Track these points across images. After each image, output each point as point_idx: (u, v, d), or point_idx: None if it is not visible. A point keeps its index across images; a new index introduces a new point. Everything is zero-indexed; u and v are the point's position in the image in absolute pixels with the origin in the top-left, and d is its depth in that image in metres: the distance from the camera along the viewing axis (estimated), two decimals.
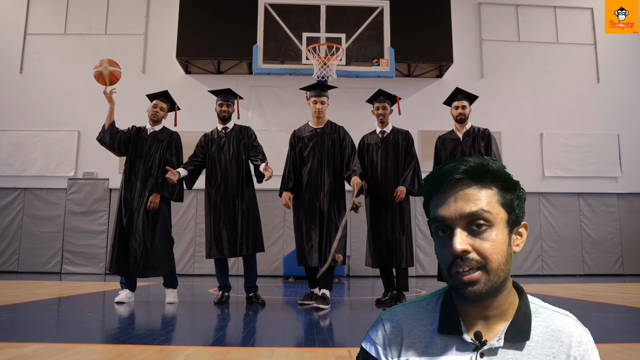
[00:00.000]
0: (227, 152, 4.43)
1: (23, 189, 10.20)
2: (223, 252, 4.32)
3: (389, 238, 4.44)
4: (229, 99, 4.54)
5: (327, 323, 3.50)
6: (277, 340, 2.78)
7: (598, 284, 7.85)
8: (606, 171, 10.81)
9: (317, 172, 4.33)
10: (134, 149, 4.45)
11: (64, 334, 2.72)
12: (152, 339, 2.56)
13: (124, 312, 3.85)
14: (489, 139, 4.50)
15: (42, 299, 4.61)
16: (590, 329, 0.80)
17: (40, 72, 10.57)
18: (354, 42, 6.60)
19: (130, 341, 2.52)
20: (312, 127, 4.49)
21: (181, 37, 9.94)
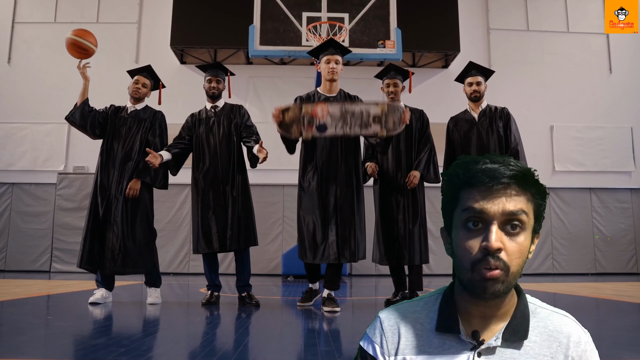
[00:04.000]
0: (216, 133, 3.95)
1: (11, 184, 9.83)
2: (212, 246, 3.83)
3: (400, 231, 3.95)
4: (218, 74, 4.07)
5: (331, 329, 3.03)
6: (272, 351, 2.31)
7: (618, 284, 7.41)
8: (619, 165, 10.45)
9: (332, 148, 3.70)
10: (111, 130, 3.98)
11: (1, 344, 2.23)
12: (111, 350, 2.09)
13: (95, 315, 3.38)
14: (507, 118, 4.03)
15: (9, 299, 4.15)
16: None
17: (29, 62, 10.21)
18: (358, 22, 6.15)
19: (80, 354, 2.06)
20: (324, 95, 3.82)
21: (176, 25, 9.58)
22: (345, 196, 3.66)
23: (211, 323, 3.26)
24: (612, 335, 2.72)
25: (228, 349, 2.32)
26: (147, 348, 2.28)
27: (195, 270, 9.24)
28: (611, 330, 2.95)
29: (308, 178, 3.72)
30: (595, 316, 3.64)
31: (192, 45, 9.79)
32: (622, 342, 2.54)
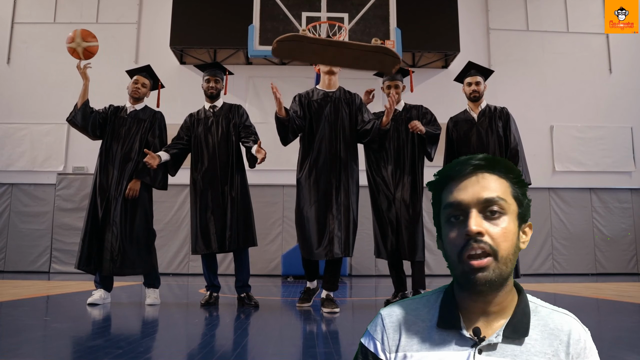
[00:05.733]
0: (215, 133, 3.93)
1: (10, 184, 9.80)
2: (210, 246, 3.81)
3: (400, 223, 3.89)
4: (217, 74, 4.05)
5: (330, 330, 3.01)
6: (270, 352, 2.29)
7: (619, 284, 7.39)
8: (619, 165, 10.44)
9: (331, 144, 3.67)
10: (111, 130, 3.96)
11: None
12: (107, 352, 2.07)
13: (94, 315, 3.36)
14: (507, 118, 4.02)
15: (6, 300, 4.13)
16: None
17: (28, 62, 10.20)
18: (358, 22, 6.14)
19: (76, 356, 2.05)
20: (323, 90, 3.78)
21: (175, 25, 9.56)
22: (345, 192, 3.64)
23: (210, 324, 3.24)
24: (613, 337, 2.70)
25: (227, 350, 2.30)
26: (145, 349, 2.26)
27: (194, 270, 9.22)
28: (612, 331, 2.93)
29: (305, 174, 3.70)
30: (596, 316, 3.62)
31: (192, 46, 9.78)
32: (623, 342, 2.53)
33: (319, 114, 3.74)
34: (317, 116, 3.74)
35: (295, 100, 3.83)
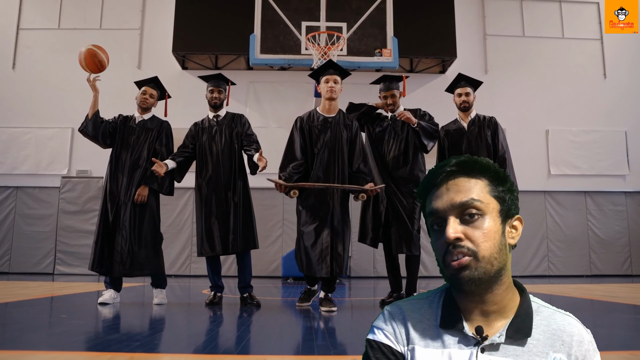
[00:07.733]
0: (218, 142, 4.13)
1: (15, 187, 9.94)
2: (215, 248, 4.01)
3: (396, 216, 4.06)
4: (220, 84, 4.25)
5: (328, 327, 3.20)
6: (272, 346, 2.48)
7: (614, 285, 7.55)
8: (614, 169, 10.58)
9: (329, 167, 3.88)
10: (120, 139, 4.16)
11: (24, 339, 2.40)
12: (125, 344, 2.26)
13: (106, 314, 3.55)
14: (495, 127, 4.21)
15: (19, 300, 4.31)
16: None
17: (33, 67, 10.34)
18: (356, 31, 6.31)
19: (99, 348, 2.23)
20: (323, 115, 4.00)
21: (177, 31, 9.72)
22: (340, 214, 3.87)
23: (215, 321, 3.42)
24: (606, 335, 2.82)
25: (231, 345, 2.49)
26: (159, 342, 2.46)
27: (196, 272, 9.37)
28: (605, 329, 3.05)
29: (305, 195, 3.91)
30: (591, 316, 3.75)
31: (194, 51, 9.92)
32: (618, 341, 2.65)
33: (319, 139, 3.96)
34: (317, 141, 3.95)
35: (296, 126, 4.02)
